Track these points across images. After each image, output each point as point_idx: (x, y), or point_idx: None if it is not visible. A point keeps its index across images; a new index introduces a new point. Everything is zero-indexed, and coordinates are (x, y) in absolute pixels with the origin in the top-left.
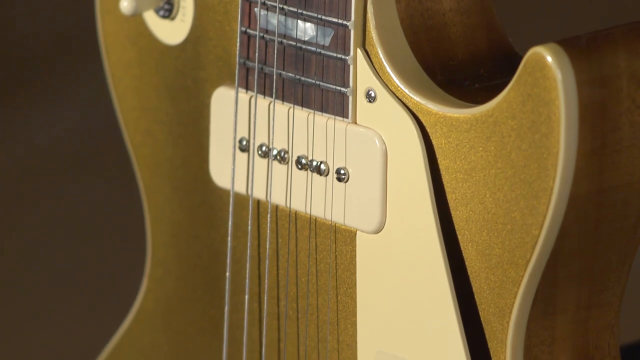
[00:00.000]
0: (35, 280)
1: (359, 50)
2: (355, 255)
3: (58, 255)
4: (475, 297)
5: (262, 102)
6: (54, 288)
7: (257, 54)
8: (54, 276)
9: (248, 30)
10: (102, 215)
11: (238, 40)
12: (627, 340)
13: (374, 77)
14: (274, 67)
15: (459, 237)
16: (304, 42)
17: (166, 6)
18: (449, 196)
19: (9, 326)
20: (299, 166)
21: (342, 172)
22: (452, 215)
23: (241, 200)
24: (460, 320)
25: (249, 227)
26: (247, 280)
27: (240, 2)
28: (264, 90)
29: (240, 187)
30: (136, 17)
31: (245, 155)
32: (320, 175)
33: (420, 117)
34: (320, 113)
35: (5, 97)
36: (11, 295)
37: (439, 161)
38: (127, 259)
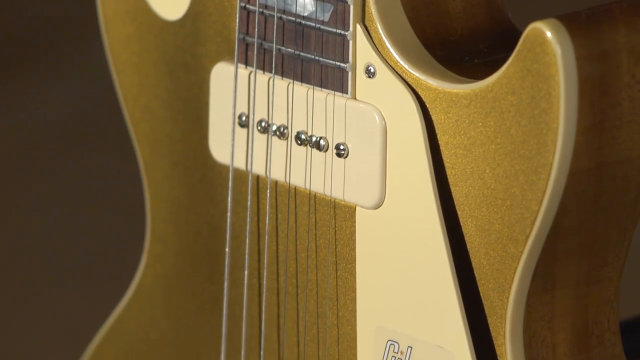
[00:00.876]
0: (34, 256)
1: (358, 26)
2: (354, 231)
3: (57, 231)
4: (475, 272)
5: (262, 77)
6: (53, 264)
7: (256, 30)
8: (53, 252)
9: (247, 6)
10: (102, 192)
11: (237, 15)
12: (627, 315)
13: (374, 53)
14: (273, 43)
15: (459, 212)
16: (304, 17)
17: None
18: (448, 172)
19: (8, 300)
20: (299, 142)
21: (342, 147)
22: (452, 191)
23: (240, 176)
24: (460, 296)
25: (249, 203)
26: (246, 256)
27: None
28: (264, 66)
29: (239, 163)
30: None
31: (244, 130)
32: (320, 150)
33: (419, 93)
34: (320, 88)
35: (5, 73)
36: (11, 270)
37: (438, 137)
38: (127, 235)
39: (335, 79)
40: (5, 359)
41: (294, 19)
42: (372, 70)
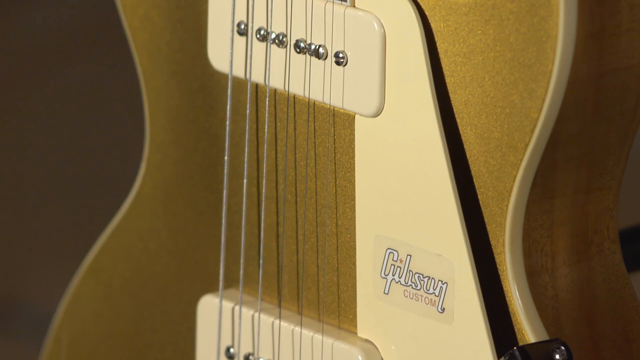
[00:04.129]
0: (34, 165)
1: None
2: (353, 139)
3: (56, 140)
4: (474, 181)
5: None
6: (52, 171)
7: None
8: (52, 160)
9: None
10: (101, 101)
11: None
12: (627, 224)
13: None
14: None
15: (458, 120)
16: None
17: None
18: (447, 79)
19: (7, 210)
20: (298, 50)
21: (341, 55)
22: (451, 99)
23: (239, 84)
24: (459, 204)
25: (247, 111)
26: (245, 164)
27: None
28: None
29: (238, 71)
30: None
31: (243, 39)
32: (319, 59)
33: (418, 0)
34: None
35: None
36: (9, 180)
37: (437, 44)
38: (126, 144)
39: None
40: (3, 269)
41: None
42: None
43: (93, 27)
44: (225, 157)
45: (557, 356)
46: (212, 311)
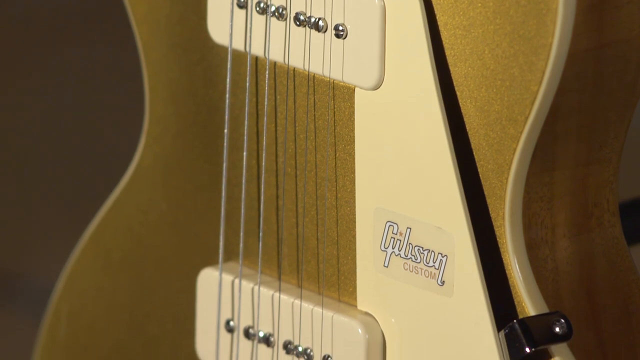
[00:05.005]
0: (33, 139)
1: None
2: (353, 112)
3: (56, 114)
4: (474, 153)
5: None
6: (51, 145)
7: None
8: (51, 134)
9: None
10: (100, 76)
11: None
12: (627, 197)
13: None
14: None
15: (458, 93)
16: None
17: None
18: (447, 52)
19: (6, 185)
20: (297, 22)
21: (341, 28)
22: (451, 72)
23: (239, 57)
24: (459, 177)
25: (247, 84)
26: (245, 137)
27: None
28: None
29: (238, 44)
30: None
31: (243, 11)
32: (319, 31)
33: None
34: None
35: None
36: (11, 153)
37: (437, 17)
38: (125, 117)
39: None
40: (3, 243)
41: None
42: None
43: (92, 3)
44: (225, 130)
45: (557, 329)
46: (212, 284)
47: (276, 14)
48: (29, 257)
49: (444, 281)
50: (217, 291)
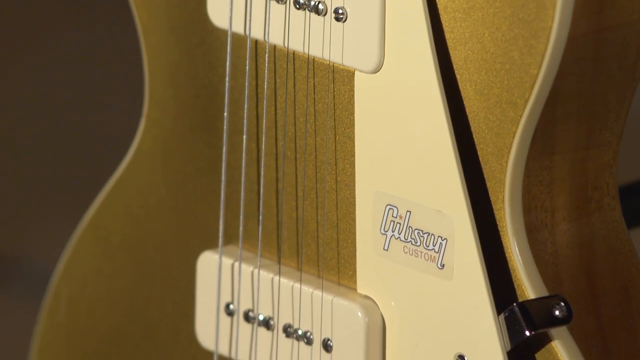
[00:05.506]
0: (32, 121)
1: None
2: (353, 95)
3: (56, 96)
4: (474, 137)
5: None
6: (50, 127)
7: None
8: (50, 117)
9: None
10: (100, 58)
11: None
12: (626, 180)
13: None
14: None
15: (458, 77)
16: None
17: None
18: (447, 35)
19: (10, 166)
20: (297, 6)
21: (340, 11)
22: (451, 55)
23: (239, 40)
24: (459, 160)
25: (247, 68)
26: (245, 120)
27: None
28: None
29: (238, 27)
30: None
31: None
32: (318, 14)
33: None
34: None
35: None
36: (10, 136)
37: (437, 0)
38: (125, 102)
39: None
40: (3, 226)
41: None
42: None
43: None
44: (225, 113)
45: (557, 312)
46: (211, 267)
47: None
48: (29, 241)
49: (443, 264)
50: (216, 274)
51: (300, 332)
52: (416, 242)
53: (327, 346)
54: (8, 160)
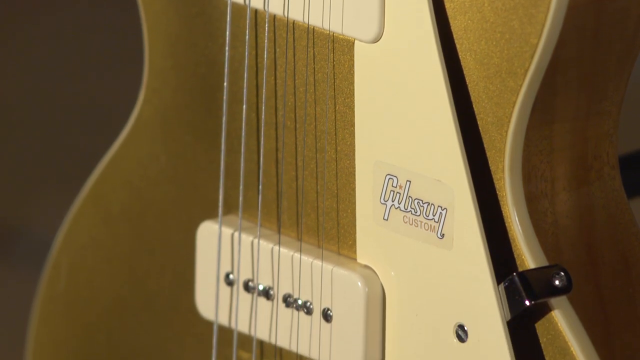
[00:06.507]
0: (32, 91)
1: None
2: (353, 65)
3: (55, 65)
4: (474, 107)
5: None
6: (51, 97)
7: None
8: (51, 86)
9: None
10: (99, 28)
11: None
12: (626, 150)
13: None
14: None
15: (457, 46)
16: None
17: None
18: (447, 5)
19: (10, 136)
20: None
21: None
22: (451, 25)
23: (239, 10)
24: (459, 129)
25: (247, 37)
26: (244, 90)
27: None
28: None
29: None
30: None
31: None
32: None
33: None
34: None
35: None
36: (11, 105)
37: None
38: (125, 71)
39: None
40: (2, 196)
41: None
42: None
43: None
44: (225, 83)
45: (557, 282)
46: (211, 237)
47: None
48: (29, 210)
49: (443, 234)
50: (216, 244)
51: (300, 302)
52: (416, 212)
53: (327, 316)
54: (7, 130)
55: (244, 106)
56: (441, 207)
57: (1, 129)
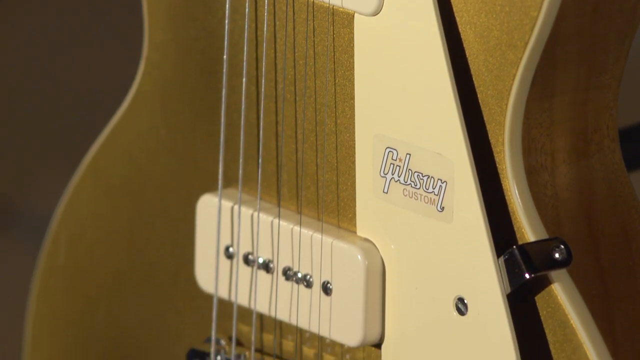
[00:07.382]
0: (31, 66)
1: None
2: (353, 38)
3: (56, 41)
4: (474, 80)
5: None
6: (50, 71)
7: None
8: (50, 61)
9: None
10: (97, 4)
11: None
12: (626, 123)
13: None
14: None
15: (457, 19)
16: None
17: None
18: None
19: (9, 110)
20: None
21: None
22: None
23: None
24: (459, 102)
25: (247, 10)
26: (244, 63)
27: None
28: None
29: None
30: None
31: None
32: None
33: None
34: None
35: None
36: (9, 80)
37: None
38: (125, 41)
39: None
40: (2, 170)
41: None
42: None
43: None
44: (225, 56)
45: (557, 255)
46: (211, 210)
47: None
48: (29, 183)
49: (443, 207)
50: (216, 217)
51: (299, 275)
52: (416, 185)
53: (326, 289)
54: (6, 105)
55: (244, 79)
56: (441, 180)
57: (1, 106)
